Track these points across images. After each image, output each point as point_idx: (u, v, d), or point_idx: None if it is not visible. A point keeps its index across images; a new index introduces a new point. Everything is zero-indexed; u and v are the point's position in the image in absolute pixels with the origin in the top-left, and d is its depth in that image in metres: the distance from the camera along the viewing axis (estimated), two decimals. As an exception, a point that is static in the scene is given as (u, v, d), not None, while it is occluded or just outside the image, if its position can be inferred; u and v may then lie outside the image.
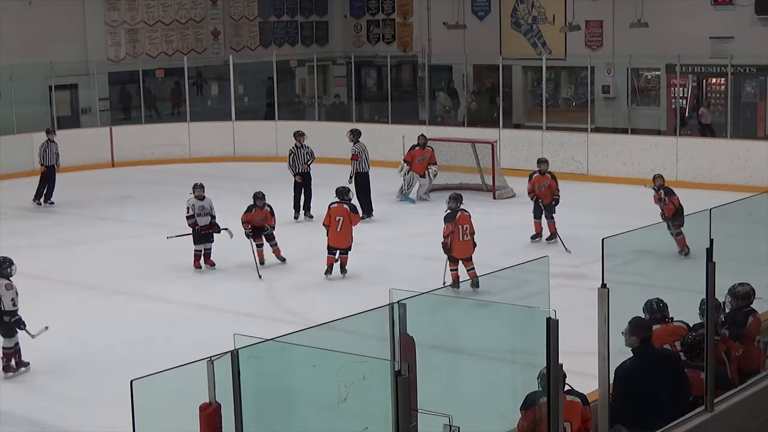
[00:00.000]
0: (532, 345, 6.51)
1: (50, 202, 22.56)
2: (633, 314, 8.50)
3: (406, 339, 6.16)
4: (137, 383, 5.20)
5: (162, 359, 11.55)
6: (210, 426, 5.68)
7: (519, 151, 25.32)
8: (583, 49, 29.12)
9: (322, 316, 8.62)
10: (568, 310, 7.31)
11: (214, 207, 16.78)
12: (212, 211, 16.69)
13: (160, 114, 30.70)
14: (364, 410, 6.00)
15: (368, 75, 34.43)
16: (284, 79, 31.13)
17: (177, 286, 13.85)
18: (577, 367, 7.31)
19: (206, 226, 16.47)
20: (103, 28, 29.85)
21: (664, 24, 27.40)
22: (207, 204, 16.66)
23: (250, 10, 33.20)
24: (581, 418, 7.24)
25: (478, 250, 14.94)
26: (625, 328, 7.62)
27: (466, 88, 30.40)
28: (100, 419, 10.87)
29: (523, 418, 7.04)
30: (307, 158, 20.27)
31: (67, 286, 15.22)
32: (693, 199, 18.68)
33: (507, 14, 31.27)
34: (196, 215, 16.52)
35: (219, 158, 27.22)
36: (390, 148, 23.46)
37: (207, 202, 16.69)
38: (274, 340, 5.82)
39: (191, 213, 16.58)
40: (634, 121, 26.31)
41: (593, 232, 10.93)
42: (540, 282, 6.76)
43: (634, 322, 7.60)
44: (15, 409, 11.39)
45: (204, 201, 16.65)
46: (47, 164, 22.55)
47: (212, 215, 16.67)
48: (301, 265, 16.68)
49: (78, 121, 28.86)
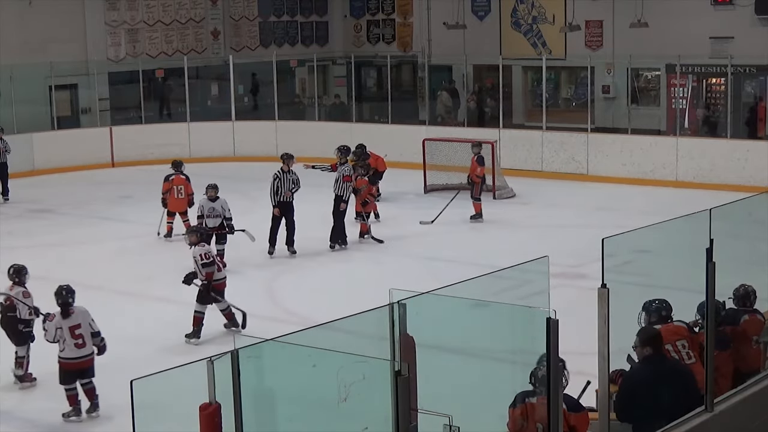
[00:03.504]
0: (532, 345, 6.51)
1: (6, 198, 22.79)
2: (633, 314, 8.51)
3: (406, 339, 6.16)
4: (137, 383, 5.19)
5: (162, 359, 11.58)
6: (210, 426, 5.68)
7: (519, 151, 25.34)
8: (583, 49, 29.12)
9: (322, 316, 8.62)
10: (568, 310, 7.31)
11: (228, 208, 16.62)
12: (225, 213, 16.53)
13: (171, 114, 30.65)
14: (364, 410, 6.00)
15: (368, 75, 34.44)
16: (284, 79, 31.13)
17: (177, 286, 13.85)
18: (577, 367, 7.31)
19: (215, 227, 16.33)
20: (103, 28, 29.85)
21: (664, 24, 27.40)
22: (218, 206, 16.53)
23: (250, 10, 33.21)
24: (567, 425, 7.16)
25: (478, 250, 14.95)
26: (635, 341, 7.64)
27: (466, 88, 30.40)
28: (100, 419, 10.88)
29: (510, 416, 7.04)
30: (292, 186, 17.58)
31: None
32: (693, 199, 18.74)
33: (507, 14, 31.27)
34: (205, 216, 16.41)
35: (219, 158, 27.21)
36: (390, 149, 23.41)
37: (219, 203, 16.55)
38: (274, 340, 5.82)
39: (200, 213, 16.52)
40: (634, 121, 26.30)
41: (593, 232, 10.93)
42: (540, 282, 6.76)
43: (644, 331, 7.61)
44: (15, 409, 11.40)
45: (216, 202, 16.53)
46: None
47: (225, 217, 16.51)
48: (301, 265, 16.67)
49: (78, 121, 28.87)
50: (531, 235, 18.26)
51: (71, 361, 10.89)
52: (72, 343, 10.85)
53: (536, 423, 6.87)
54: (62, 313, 10.88)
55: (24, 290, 11.87)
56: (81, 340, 10.88)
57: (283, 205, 17.42)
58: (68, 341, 10.84)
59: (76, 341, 10.86)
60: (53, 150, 26.32)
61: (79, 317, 10.90)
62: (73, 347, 10.86)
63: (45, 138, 26.91)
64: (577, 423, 6.97)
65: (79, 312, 10.95)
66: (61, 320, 10.86)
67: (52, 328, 10.85)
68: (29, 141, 26.39)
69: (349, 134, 24.52)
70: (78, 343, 10.87)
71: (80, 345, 10.87)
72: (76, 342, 10.86)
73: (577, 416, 6.98)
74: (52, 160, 26.18)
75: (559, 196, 22.54)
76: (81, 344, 10.88)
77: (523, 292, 6.73)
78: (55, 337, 10.88)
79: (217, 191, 16.59)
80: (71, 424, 10.94)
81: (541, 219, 20.19)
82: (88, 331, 10.93)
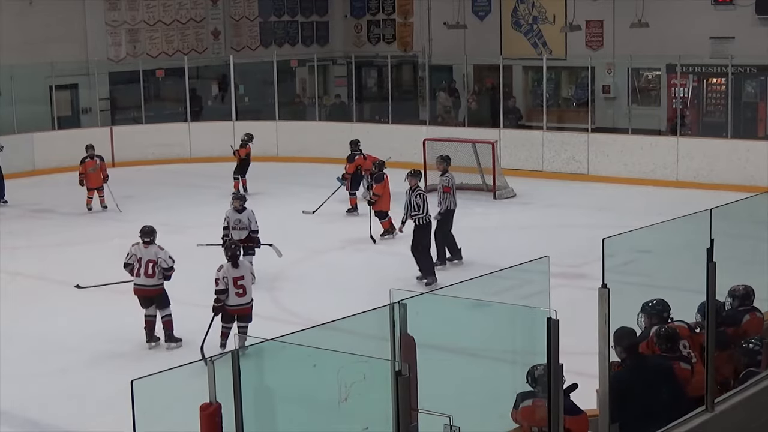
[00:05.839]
0: (533, 345, 6.51)
1: (3, 201, 22.79)
2: (633, 314, 8.51)
3: (407, 339, 6.16)
4: (137, 383, 5.20)
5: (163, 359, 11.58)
6: (211, 426, 5.68)
7: (519, 151, 25.34)
8: (583, 49, 29.12)
9: (322, 315, 8.62)
10: (569, 310, 7.31)
11: (255, 220, 15.66)
12: (252, 225, 15.56)
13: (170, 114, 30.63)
14: (364, 410, 6.00)
15: (369, 75, 34.43)
16: (284, 79, 31.13)
17: (178, 286, 13.84)
18: (578, 367, 7.31)
19: (241, 239, 15.19)
20: (104, 28, 29.84)
21: (664, 24, 27.40)
22: (245, 218, 15.47)
23: (250, 10, 33.21)
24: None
25: (479, 250, 14.93)
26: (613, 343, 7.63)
27: (467, 88, 30.41)
28: (100, 419, 10.88)
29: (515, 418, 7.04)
30: (412, 210, 16.08)
31: (67, 286, 15.20)
32: (693, 199, 18.74)
33: (507, 14, 31.26)
34: (231, 228, 15.57)
35: (219, 158, 27.22)
36: (389, 148, 23.42)
37: (246, 215, 15.47)
38: (274, 339, 5.82)
39: (226, 224, 15.58)
40: (634, 121, 26.30)
41: (594, 232, 10.94)
42: (540, 282, 6.76)
43: (616, 333, 7.57)
44: (15, 409, 11.41)
45: (242, 214, 15.46)
46: None
47: (252, 230, 15.56)
48: (300, 265, 16.67)
49: (78, 121, 28.87)
50: (531, 235, 18.25)
51: (232, 307, 12.50)
52: (234, 292, 12.42)
53: (532, 427, 6.87)
54: (232, 265, 12.45)
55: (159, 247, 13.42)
56: (242, 290, 12.47)
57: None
58: (231, 289, 12.40)
59: (237, 290, 12.43)
60: (54, 150, 26.30)
61: (243, 269, 12.54)
62: (234, 295, 12.43)
63: (45, 138, 26.93)
64: (574, 426, 6.92)
65: (243, 266, 12.63)
66: (230, 270, 12.40)
67: (221, 276, 12.42)
68: (30, 141, 26.40)
69: (350, 134, 24.51)
70: (239, 292, 12.44)
71: (240, 294, 12.47)
72: (237, 291, 12.43)
73: (573, 419, 6.94)
74: (53, 160, 26.17)
75: (560, 196, 22.54)
76: (241, 293, 12.47)
77: (523, 292, 6.74)
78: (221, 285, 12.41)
79: (243, 202, 15.64)
80: (70, 423, 10.95)
81: (541, 219, 20.20)
82: (249, 283, 12.57)
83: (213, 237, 15.88)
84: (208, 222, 18.18)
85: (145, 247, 13.29)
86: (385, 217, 18.63)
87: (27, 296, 15.63)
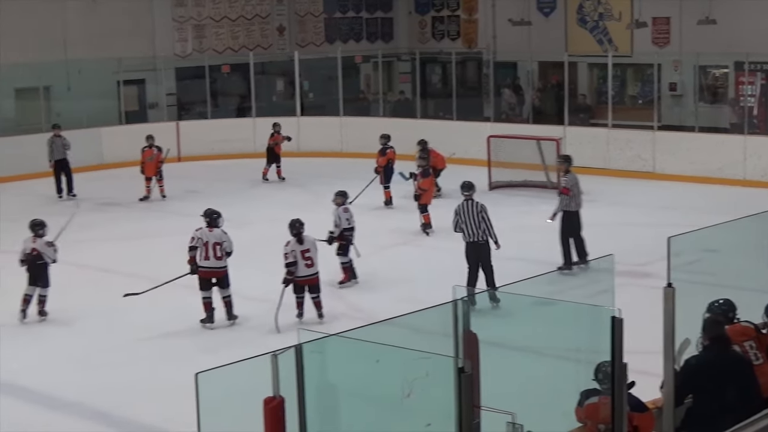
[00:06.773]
0: (597, 343, 6.47)
1: (72, 195, 23.00)
2: (699, 314, 8.42)
3: (469, 336, 6.16)
4: (202, 376, 5.25)
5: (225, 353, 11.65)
6: (274, 419, 5.72)
7: (584, 148, 25.14)
8: (649, 47, 28.83)
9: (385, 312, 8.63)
10: (633, 309, 7.25)
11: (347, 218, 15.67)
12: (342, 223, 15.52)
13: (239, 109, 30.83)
14: (426, 407, 6.01)
15: (433, 71, 34.38)
16: (349, 75, 31.19)
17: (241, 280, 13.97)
18: (642, 367, 7.25)
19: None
20: (171, 24, 30.12)
21: (732, 21, 27.04)
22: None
23: (315, 6, 33.33)
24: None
25: (541, 248, 14.80)
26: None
27: (531, 85, 30.23)
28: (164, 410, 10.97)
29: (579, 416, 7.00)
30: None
31: (134, 278, 15.37)
32: (761, 199, 18.50)
33: (573, 11, 31.06)
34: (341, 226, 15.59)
35: (283, 153, 27.31)
36: (454, 145, 23.38)
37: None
38: (337, 335, 5.84)
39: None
40: (701, 119, 25.99)
41: (659, 230, 10.83)
42: (605, 280, 6.72)
43: (707, 320, 7.53)
44: (84, 400, 11.54)
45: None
46: (56, 159, 22.98)
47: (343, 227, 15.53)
48: (364, 261, 16.67)
49: (145, 115, 29.15)
50: (596, 234, 18.07)
51: (301, 278, 13.65)
52: (303, 264, 13.57)
53: (598, 424, 6.83)
54: (297, 240, 13.55)
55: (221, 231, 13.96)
56: (310, 261, 13.63)
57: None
58: (300, 262, 13.55)
59: (306, 262, 13.61)
60: (121, 144, 26.59)
61: (308, 243, 13.63)
62: (304, 267, 13.59)
63: (113, 132, 27.26)
64: (641, 423, 6.91)
65: (308, 240, 13.66)
66: (296, 245, 13.55)
67: (289, 250, 13.56)
68: (98, 135, 26.75)
69: (414, 131, 24.53)
70: (307, 263, 13.62)
71: (309, 265, 13.65)
72: (305, 263, 13.60)
73: (640, 416, 6.93)
74: (120, 155, 26.45)
75: (625, 195, 22.36)
76: (309, 264, 13.65)
77: (588, 291, 6.70)
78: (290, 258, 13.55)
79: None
80: (139, 412, 11.07)
81: (606, 217, 20.01)
82: (315, 255, 13.70)
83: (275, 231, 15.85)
84: (271, 216, 18.27)
85: (210, 230, 13.87)
86: (425, 211, 18.86)
87: (95, 288, 15.83)
